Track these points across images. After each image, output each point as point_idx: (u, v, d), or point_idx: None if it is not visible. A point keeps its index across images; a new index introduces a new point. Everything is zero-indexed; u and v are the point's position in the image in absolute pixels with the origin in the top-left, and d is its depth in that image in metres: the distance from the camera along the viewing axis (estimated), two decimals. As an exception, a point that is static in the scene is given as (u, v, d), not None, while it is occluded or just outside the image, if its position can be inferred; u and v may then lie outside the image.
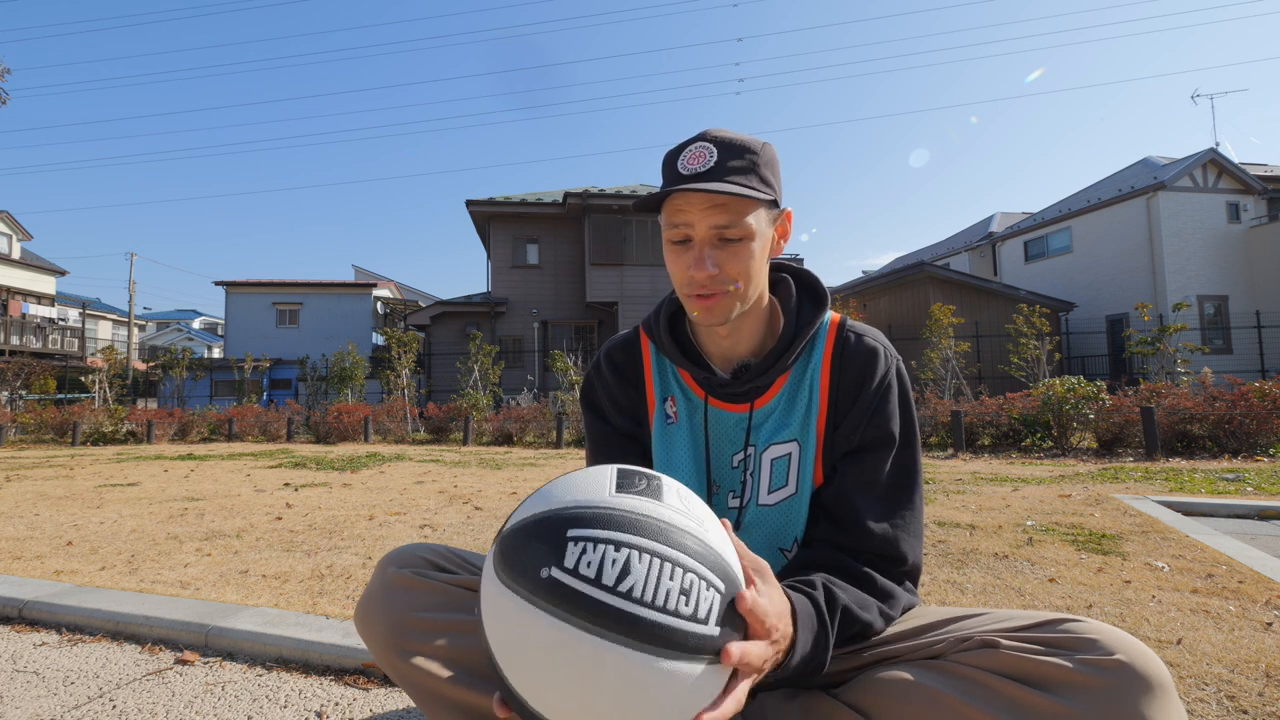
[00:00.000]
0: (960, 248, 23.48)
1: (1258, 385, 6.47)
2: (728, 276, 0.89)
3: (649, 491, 0.61)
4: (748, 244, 0.89)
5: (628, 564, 0.55)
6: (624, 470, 0.64)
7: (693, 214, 0.88)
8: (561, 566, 0.55)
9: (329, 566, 2.34)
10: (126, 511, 3.65)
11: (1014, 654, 0.71)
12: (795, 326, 0.99)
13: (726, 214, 0.87)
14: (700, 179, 0.86)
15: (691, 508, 0.62)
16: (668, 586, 0.55)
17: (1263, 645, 1.47)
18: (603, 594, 0.54)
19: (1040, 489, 4.10)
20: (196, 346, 32.00)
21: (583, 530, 0.57)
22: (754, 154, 0.89)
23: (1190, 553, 2.35)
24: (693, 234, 0.89)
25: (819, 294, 1.03)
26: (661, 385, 1.06)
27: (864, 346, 0.97)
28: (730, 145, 0.88)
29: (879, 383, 0.95)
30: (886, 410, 0.94)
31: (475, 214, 18.64)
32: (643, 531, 0.57)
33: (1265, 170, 18.80)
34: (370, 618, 0.89)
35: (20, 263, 25.68)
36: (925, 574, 2.12)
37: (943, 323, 11.34)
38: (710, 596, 0.58)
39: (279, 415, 11.65)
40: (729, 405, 1.01)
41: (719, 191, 0.84)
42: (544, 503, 0.62)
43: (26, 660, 1.58)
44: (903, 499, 0.93)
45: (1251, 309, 15.74)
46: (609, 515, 0.58)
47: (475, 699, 0.84)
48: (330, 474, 5.64)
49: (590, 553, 0.55)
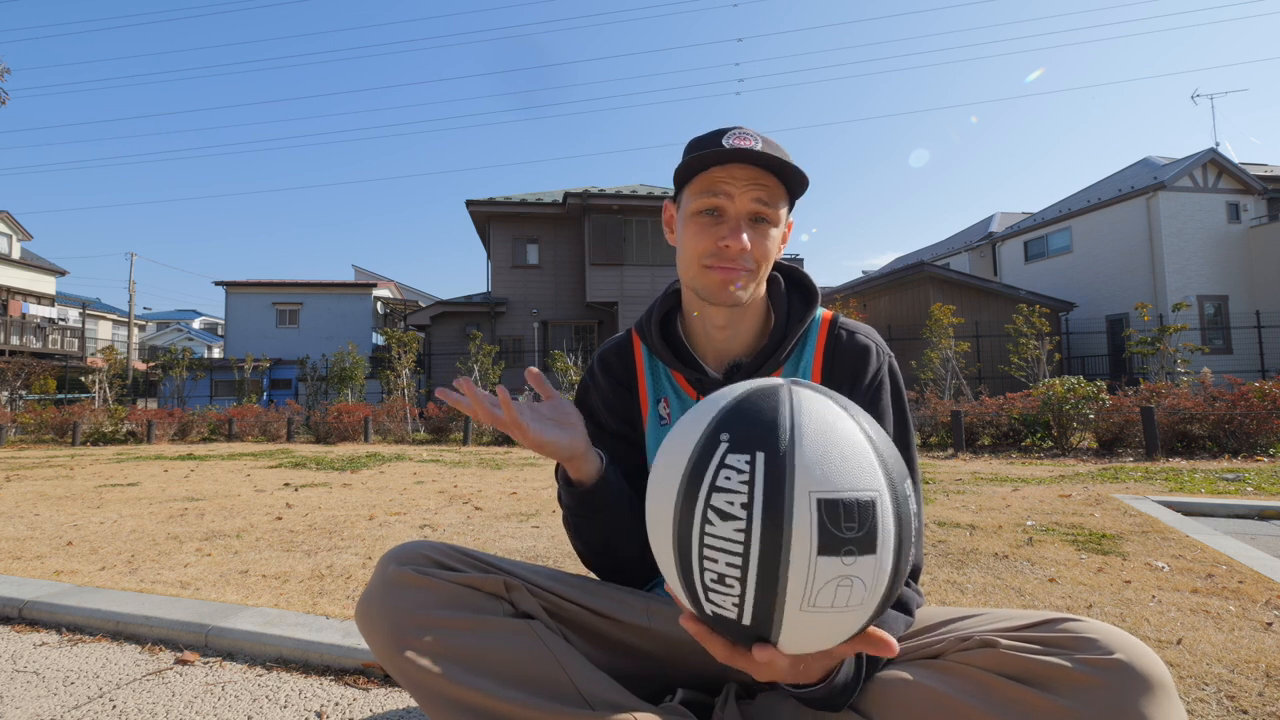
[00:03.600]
0: (960, 248, 23.48)
1: (1258, 385, 6.47)
2: (753, 257, 0.91)
3: (829, 540, 0.54)
4: (772, 228, 0.92)
5: (727, 517, 0.55)
6: (864, 506, 0.56)
7: (735, 187, 0.90)
8: (725, 455, 0.57)
9: (329, 566, 2.34)
10: (126, 511, 3.65)
11: (1013, 653, 0.71)
12: (786, 324, 0.99)
13: (767, 193, 0.90)
14: (751, 156, 0.88)
15: (829, 593, 0.55)
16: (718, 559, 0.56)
17: (1263, 645, 1.47)
18: (702, 498, 0.56)
19: (1040, 489, 4.10)
20: (196, 346, 31.98)
21: (761, 469, 0.55)
22: (786, 153, 0.94)
23: (1190, 553, 2.35)
24: (730, 206, 0.91)
25: (809, 291, 1.03)
26: (655, 387, 1.06)
27: (856, 343, 0.97)
28: (768, 139, 0.92)
29: (871, 379, 0.95)
30: (880, 407, 0.95)
31: (475, 214, 18.64)
32: (766, 537, 0.54)
33: (1265, 170, 18.80)
34: (371, 616, 0.89)
35: (20, 263, 25.68)
36: (925, 574, 2.12)
37: (943, 323, 11.33)
38: (727, 607, 0.57)
39: (279, 415, 11.65)
40: None
41: (777, 158, 0.88)
42: (816, 429, 0.58)
43: (26, 660, 1.58)
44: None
45: (1251, 309, 15.74)
46: (780, 494, 0.55)
47: (478, 698, 0.84)
48: (330, 474, 5.64)
49: (737, 477, 0.56)
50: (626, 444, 1.06)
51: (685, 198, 0.94)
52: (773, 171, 0.90)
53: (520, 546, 2.68)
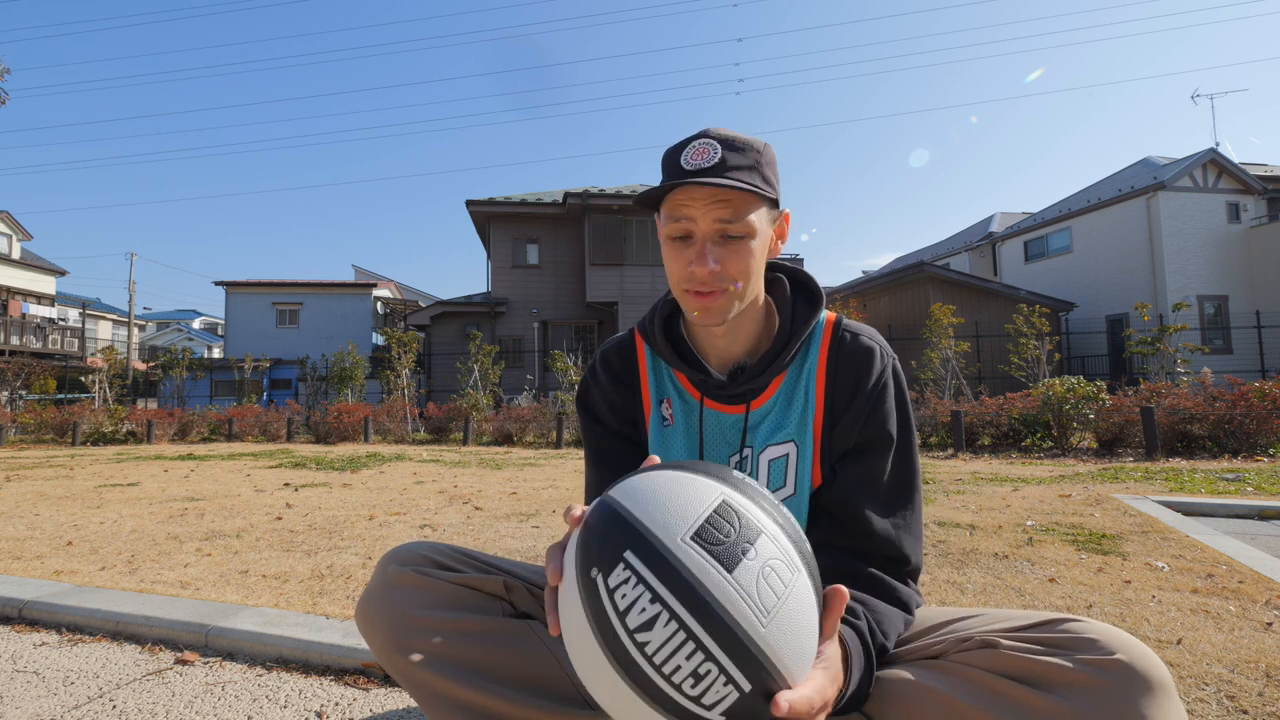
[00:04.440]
0: (960, 248, 23.48)
1: (1258, 385, 6.47)
2: (728, 274, 0.89)
3: (724, 554, 0.55)
4: (749, 242, 0.89)
5: (653, 621, 0.53)
6: (720, 511, 0.58)
7: (696, 209, 0.88)
8: (606, 581, 0.55)
9: (329, 566, 2.34)
10: (126, 511, 3.65)
11: (1014, 654, 0.71)
12: (791, 327, 0.98)
13: (730, 209, 0.87)
14: (705, 174, 0.85)
15: (764, 588, 0.55)
16: (679, 663, 0.53)
17: (1263, 645, 1.47)
18: (621, 630, 0.53)
19: (1040, 489, 4.10)
20: (196, 346, 31.98)
21: (637, 562, 0.55)
22: (757, 152, 0.89)
23: (1190, 553, 2.35)
24: (695, 229, 0.88)
25: (814, 293, 1.02)
26: (657, 387, 1.06)
27: (860, 346, 0.97)
28: (733, 143, 0.88)
29: (875, 382, 0.94)
30: (883, 410, 0.94)
31: (475, 214, 18.64)
32: (685, 599, 0.53)
33: (1265, 170, 18.80)
34: (371, 616, 0.89)
35: (20, 263, 25.68)
36: (925, 574, 2.12)
37: (943, 323, 11.33)
38: (725, 692, 0.53)
39: (279, 415, 11.65)
40: (725, 406, 1.00)
41: (725, 185, 0.84)
42: (637, 495, 0.59)
43: (27, 660, 1.58)
44: (903, 499, 0.92)
45: (1251, 309, 15.74)
46: (664, 561, 0.54)
47: (478, 698, 0.84)
48: (330, 474, 5.64)
49: (629, 588, 0.54)
50: (628, 444, 1.06)
51: (660, 219, 0.93)
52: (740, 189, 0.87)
53: (520, 546, 2.68)
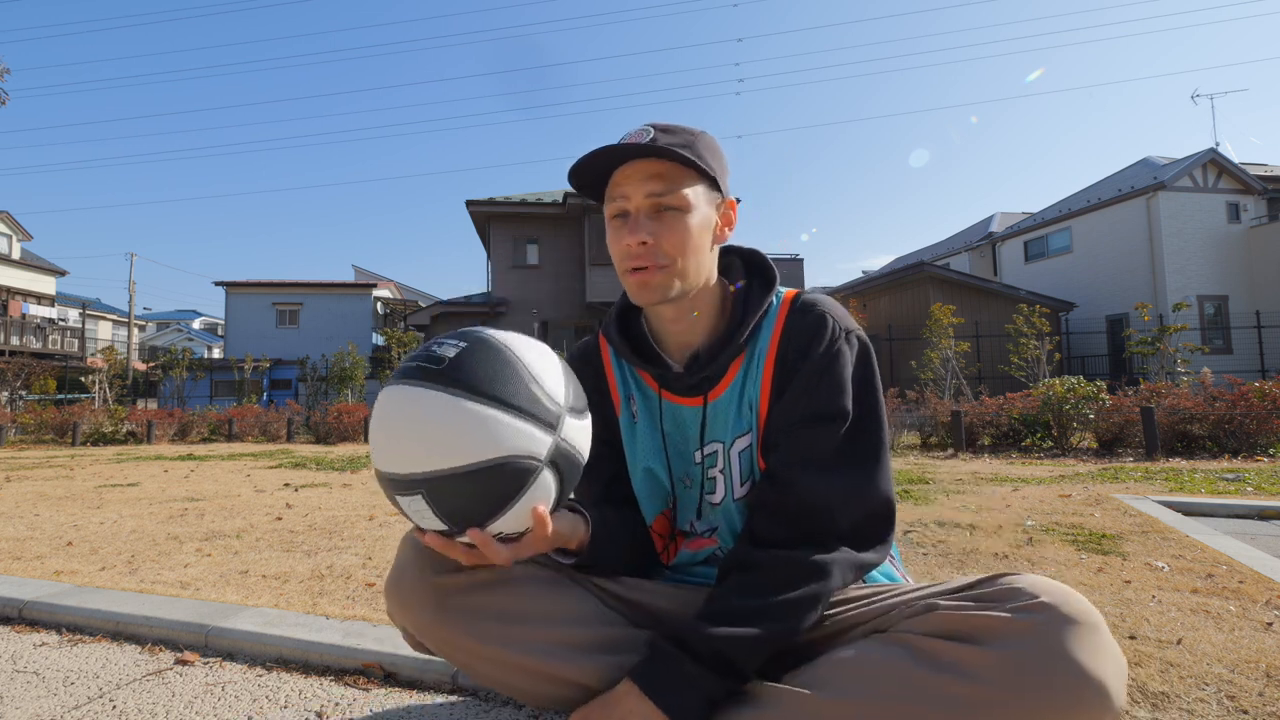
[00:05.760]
0: (960, 248, 23.47)
1: (1258, 385, 6.46)
2: (663, 250, 0.88)
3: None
4: (684, 216, 0.89)
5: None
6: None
7: (629, 186, 0.89)
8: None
9: (329, 567, 2.34)
10: (126, 512, 3.65)
11: (951, 613, 0.73)
12: (744, 309, 0.96)
13: (663, 182, 0.88)
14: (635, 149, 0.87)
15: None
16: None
17: (1263, 645, 1.47)
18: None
19: (1040, 489, 4.10)
20: (196, 347, 31.97)
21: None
22: (691, 135, 0.91)
23: (1190, 553, 2.35)
24: (629, 205, 0.90)
25: (768, 272, 1.00)
26: (624, 386, 1.05)
27: (812, 316, 0.93)
28: (668, 127, 0.90)
29: (825, 350, 0.90)
30: (833, 379, 0.89)
31: (475, 214, 18.64)
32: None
33: (1265, 170, 18.80)
34: (405, 589, 0.87)
35: (20, 263, 25.68)
36: (925, 575, 2.12)
37: (943, 323, 11.33)
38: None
39: (279, 415, 11.64)
40: (683, 399, 0.99)
41: (648, 148, 0.86)
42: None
43: (26, 660, 1.58)
44: (846, 468, 0.87)
45: (1251, 309, 15.73)
46: None
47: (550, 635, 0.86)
48: (330, 474, 5.64)
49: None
50: (607, 448, 1.04)
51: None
52: (666, 157, 0.87)
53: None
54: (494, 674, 0.87)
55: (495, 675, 0.87)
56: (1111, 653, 0.66)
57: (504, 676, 0.87)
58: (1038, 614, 0.68)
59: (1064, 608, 0.67)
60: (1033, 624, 0.67)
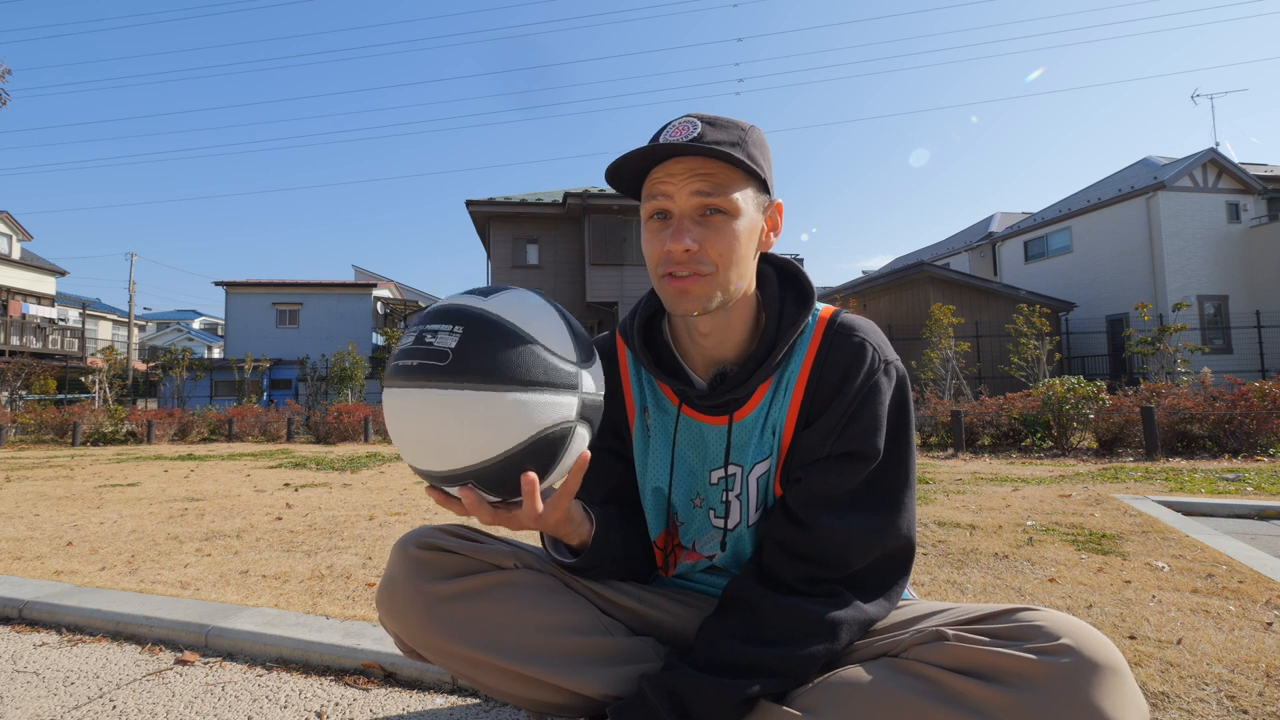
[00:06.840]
0: (960, 248, 23.47)
1: (1258, 385, 6.46)
2: (707, 256, 0.80)
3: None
4: (732, 222, 0.81)
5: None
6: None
7: (673, 184, 0.81)
8: None
9: (329, 567, 2.34)
10: (126, 512, 3.65)
11: (964, 646, 0.70)
12: (778, 329, 0.88)
13: (709, 182, 0.80)
14: (682, 146, 0.79)
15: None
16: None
17: (1263, 645, 1.47)
18: None
19: (1040, 489, 4.10)
20: (196, 347, 31.99)
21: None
22: (742, 130, 0.83)
23: (1190, 553, 2.35)
24: (672, 206, 0.81)
25: (804, 288, 0.91)
26: (640, 395, 0.98)
27: (850, 343, 0.86)
28: (715, 120, 0.81)
29: (862, 383, 0.83)
30: (869, 417, 0.83)
31: (475, 214, 18.64)
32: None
33: (1265, 170, 18.79)
34: (396, 598, 0.85)
35: (20, 263, 25.68)
36: (925, 574, 2.12)
37: (943, 323, 11.33)
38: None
39: (279, 415, 11.65)
40: (707, 417, 0.92)
41: (700, 150, 0.78)
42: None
43: (26, 660, 1.58)
44: (870, 509, 0.82)
45: (1251, 309, 15.73)
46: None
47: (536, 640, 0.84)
48: (330, 474, 5.64)
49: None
50: (615, 457, 0.99)
51: (642, 203, 0.86)
52: (717, 158, 0.79)
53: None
54: (489, 681, 0.85)
55: (490, 683, 0.85)
56: (1135, 703, 0.64)
57: (499, 684, 0.85)
58: (1062, 657, 0.65)
59: (1087, 651, 0.65)
60: (1057, 668, 0.64)
